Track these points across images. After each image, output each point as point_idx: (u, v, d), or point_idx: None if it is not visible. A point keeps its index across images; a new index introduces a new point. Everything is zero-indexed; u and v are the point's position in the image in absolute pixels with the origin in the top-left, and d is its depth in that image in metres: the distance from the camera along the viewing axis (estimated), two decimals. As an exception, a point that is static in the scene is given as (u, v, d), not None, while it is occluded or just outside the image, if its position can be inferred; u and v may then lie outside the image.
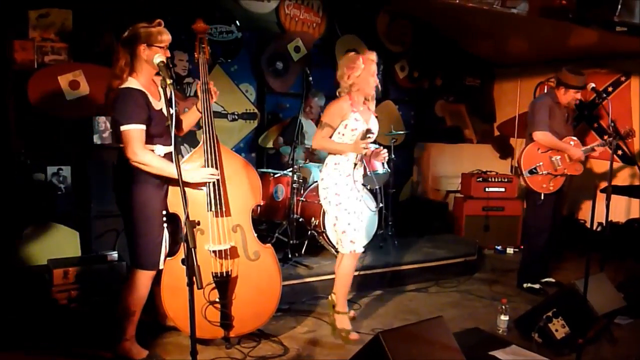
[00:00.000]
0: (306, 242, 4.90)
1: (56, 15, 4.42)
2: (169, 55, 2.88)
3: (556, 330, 3.39)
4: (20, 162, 4.37)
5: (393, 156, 5.17)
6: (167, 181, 3.01)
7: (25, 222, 4.34)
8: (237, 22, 5.44)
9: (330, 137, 3.53)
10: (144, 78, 2.95)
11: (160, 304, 3.25)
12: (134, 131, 2.83)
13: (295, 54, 5.97)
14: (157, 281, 3.11)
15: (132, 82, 2.89)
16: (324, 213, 4.77)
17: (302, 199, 5.03)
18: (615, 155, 5.73)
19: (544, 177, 4.41)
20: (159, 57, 2.69)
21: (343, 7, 6.18)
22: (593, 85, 4.26)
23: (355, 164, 3.56)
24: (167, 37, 2.93)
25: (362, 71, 3.45)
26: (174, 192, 3.04)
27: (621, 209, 5.72)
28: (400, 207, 6.56)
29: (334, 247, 4.84)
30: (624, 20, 4.01)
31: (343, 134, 3.50)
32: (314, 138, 3.64)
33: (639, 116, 5.78)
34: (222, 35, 5.38)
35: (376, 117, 3.68)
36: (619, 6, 3.93)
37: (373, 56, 3.52)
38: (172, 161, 2.81)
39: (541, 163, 4.41)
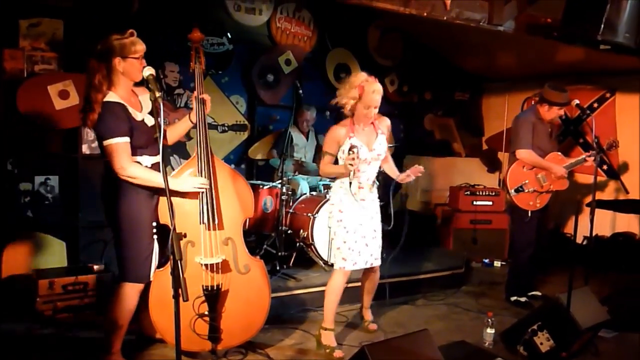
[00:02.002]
0: (295, 254, 4.90)
1: (47, 25, 4.42)
2: (144, 64, 2.83)
3: (541, 344, 3.40)
4: (8, 171, 4.34)
5: (382, 169, 5.19)
6: (157, 192, 2.99)
7: (11, 231, 4.30)
8: (229, 34, 5.47)
9: (334, 162, 3.56)
10: (123, 90, 2.92)
11: (146, 316, 3.22)
12: (118, 144, 2.81)
13: (286, 66, 6.00)
14: (144, 293, 3.07)
15: (111, 96, 2.86)
16: (312, 225, 4.79)
17: (291, 210, 5.04)
18: (600, 170, 5.85)
19: (531, 195, 4.45)
20: (148, 71, 2.69)
21: (334, 21, 6.22)
22: (577, 101, 4.33)
23: (351, 183, 3.46)
24: (141, 47, 2.89)
25: (357, 101, 3.41)
26: (164, 203, 2.99)
27: (607, 223, 5.80)
28: (387, 220, 6.57)
29: (322, 259, 4.86)
30: (607, 39, 4.03)
31: (343, 158, 3.47)
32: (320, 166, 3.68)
33: (623, 132, 5.86)
34: (213, 47, 5.40)
35: (383, 134, 3.62)
36: (602, 25, 3.96)
37: (372, 86, 3.38)
38: (159, 171, 2.79)
39: (527, 181, 4.44)
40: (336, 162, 3.58)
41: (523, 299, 4.63)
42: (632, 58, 4.77)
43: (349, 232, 3.53)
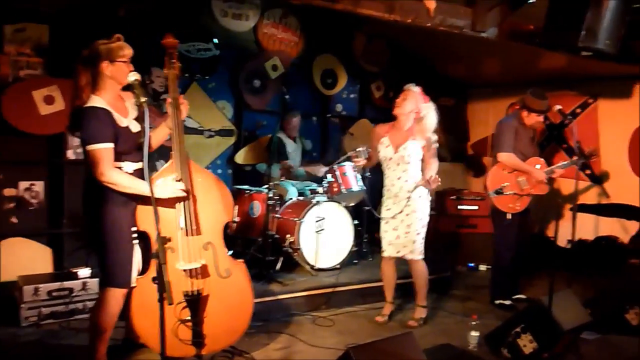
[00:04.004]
0: (281, 259, 4.92)
1: (32, 30, 4.41)
2: (132, 68, 2.84)
3: (524, 346, 3.44)
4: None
5: (368, 174, 5.24)
6: (135, 198, 2.96)
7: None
8: (215, 39, 5.49)
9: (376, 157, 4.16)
10: (109, 95, 2.91)
11: (131, 321, 3.19)
12: (102, 150, 2.80)
13: (272, 72, 6.03)
14: (127, 298, 3.06)
15: (96, 101, 2.85)
16: (299, 230, 4.82)
17: (277, 215, 5.06)
18: (583, 175, 5.92)
19: (510, 197, 4.50)
20: (134, 76, 2.70)
21: (320, 27, 6.24)
22: (559, 107, 4.39)
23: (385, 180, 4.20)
24: (128, 51, 2.90)
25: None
26: (143, 210, 2.98)
27: (590, 227, 5.86)
28: (375, 224, 6.61)
29: (308, 263, 4.89)
30: (588, 46, 4.11)
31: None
32: None
33: (605, 137, 5.95)
34: (200, 52, 5.41)
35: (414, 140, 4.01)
36: (583, 32, 4.04)
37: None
38: (142, 178, 2.77)
39: (507, 183, 4.50)
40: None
41: (507, 302, 4.67)
42: (613, 64, 4.87)
43: (381, 223, 4.16)
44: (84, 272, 4.10)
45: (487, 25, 4.47)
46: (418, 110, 3.99)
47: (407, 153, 3.97)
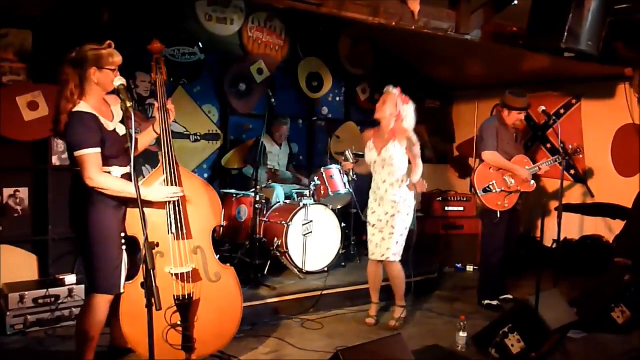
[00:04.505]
0: (269, 263, 4.92)
1: (15, 35, 4.37)
2: (118, 75, 2.84)
3: (512, 346, 3.47)
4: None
5: (354, 177, 5.26)
6: (125, 203, 2.97)
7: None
8: (200, 44, 5.48)
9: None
10: (94, 100, 2.91)
11: (117, 327, 3.20)
12: (89, 155, 2.80)
13: (258, 75, 6.03)
14: (114, 304, 3.05)
15: (82, 106, 2.85)
16: (286, 233, 4.82)
17: (265, 219, 5.06)
18: (567, 174, 6.00)
19: (499, 195, 4.56)
20: (119, 81, 2.69)
21: (306, 31, 6.28)
22: (543, 108, 4.44)
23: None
24: (118, 59, 2.91)
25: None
26: (132, 215, 3.00)
27: (575, 226, 5.93)
28: (362, 227, 6.64)
29: (297, 267, 4.89)
30: (570, 47, 4.16)
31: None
32: None
33: (588, 136, 6.03)
34: (185, 57, 5.40)
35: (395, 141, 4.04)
36: (566, 34, 4.08)
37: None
38: (130, 182, 2.79)
39: (494, 181, 4.57)
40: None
41: (495, 303, 4.72)
42: (595, 65, 4.96)
43: (368, 227, 4.22)
44: (70, 278, 4.07)
45: (471, 28, 4.50)
46: (398, 112, 4.01)
47: (389, 155, 4.01)
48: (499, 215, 4.55)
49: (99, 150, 2.84)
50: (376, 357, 2.74)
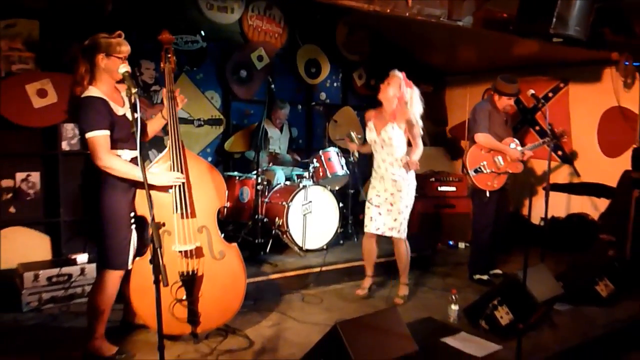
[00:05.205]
0: (271, 241, 5.05)
1: (23, 25, 4.44)
2: (126, 64, 2.95)
3: (501, 317, 3.58)
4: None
5: (352, 159, 5.41)
6: (134, 184, 3.07)
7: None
8: (202, 32, 5.57)
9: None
10: (105, 86, 3.01)
11: (128, 303, 3.32)
12: (98, 137, 2.90)
13: (258, 62, 6.13)
14: (124, 280, 3.16)
15: (93, 91, 2.95)
16: (287, 213, 4.96)
17: (266, 200, 5.20)
18: (555, 155, 6.12)
19: (488, 175, 4.68)
20: (124, 67, 2.82)
21: (304, 18, 6.35)
22: (532, 92, 4.58)
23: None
24: (126, 48, 3.00)
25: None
26: (141, 195, 3.08)
27: (562, 205, 6.04)
28: (359, 206, 6.78)
29: (297, 245, 5.05)
30: (559, 32, 4.23)
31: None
32: None
33: (575, 119, 6.11)
34: (187, 44, 5.51)
35: (394, 122, 4.10)
36: (554, 19, 4.15)
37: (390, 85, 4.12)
38: (138, 165, 2.86)
39: (485, 162, 4.69)
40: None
41: (485, 277, 4.86)
42: (583, 50, 5.04)
43: (366, 202, 4.30)
44: (81, 258, 4.16)
45: (462, 14, 4.57)
46: (401, 94, 4.08)
47: (388, 136, 4.09)
48: (488, 195, 4.67)
49: (108, 132, 2.93)
50: (373, 329, 2.83)
